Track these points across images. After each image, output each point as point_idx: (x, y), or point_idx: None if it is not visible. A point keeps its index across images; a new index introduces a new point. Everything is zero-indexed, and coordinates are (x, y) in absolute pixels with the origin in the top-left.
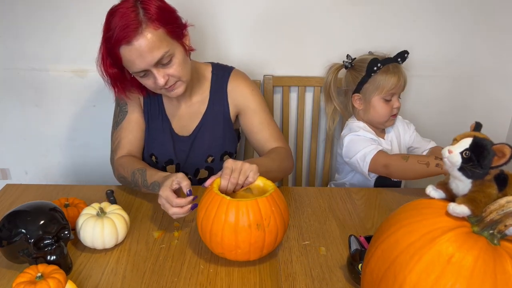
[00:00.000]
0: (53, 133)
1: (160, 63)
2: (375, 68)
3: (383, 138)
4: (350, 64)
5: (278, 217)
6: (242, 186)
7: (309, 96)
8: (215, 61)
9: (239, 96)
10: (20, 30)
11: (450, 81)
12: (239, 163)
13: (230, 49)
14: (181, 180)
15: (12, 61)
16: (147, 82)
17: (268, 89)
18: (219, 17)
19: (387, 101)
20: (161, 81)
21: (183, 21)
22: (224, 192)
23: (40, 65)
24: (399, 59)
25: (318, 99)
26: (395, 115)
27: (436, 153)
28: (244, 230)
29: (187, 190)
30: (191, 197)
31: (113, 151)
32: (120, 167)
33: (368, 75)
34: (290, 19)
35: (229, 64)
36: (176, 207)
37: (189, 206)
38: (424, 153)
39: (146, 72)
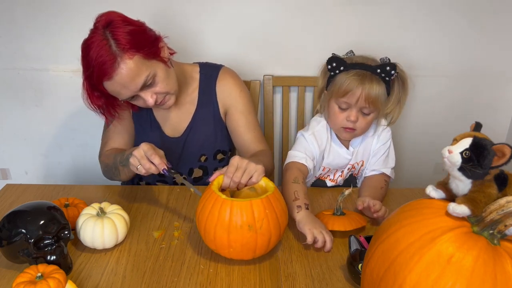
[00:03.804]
0: (53, 133)
1: (145, 86)
2: (330, 66)
3: (346, 147)
4: None
5: (272, 221)
6: (246, 185)
7: (309, 96)
8: (216, 61)
9: (228, 96)
10: (20, 30)
11: (450, 81)
12: (245, 161)
13: (231, 49)
14: (154, 159)
15: (12, 61)
16: (138, 103)
17: (268, 89)
18: (220, 17)
19: (342, 109)
20: (150, 101)
21: (156, 33)
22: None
23: (40, 65)
24: (378, 70)
25: (318, 99)
26: (349, 129)
27: (365, 188)
28: (236, 230)
29: (162, 169)
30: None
31: (101, 149)
32: (105, 158)
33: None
34: (290, 18)
35: (230, 64)
36: (151, 164)
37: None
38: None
39: (134, 96)
